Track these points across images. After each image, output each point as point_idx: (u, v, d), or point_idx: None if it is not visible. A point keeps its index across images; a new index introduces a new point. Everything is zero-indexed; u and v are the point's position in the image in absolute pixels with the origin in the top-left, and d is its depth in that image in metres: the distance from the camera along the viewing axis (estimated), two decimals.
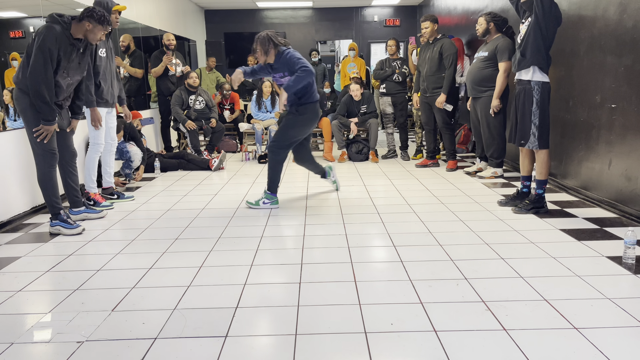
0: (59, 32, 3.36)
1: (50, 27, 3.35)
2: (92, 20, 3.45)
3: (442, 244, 3.18)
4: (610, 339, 2.00)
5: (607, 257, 2.89)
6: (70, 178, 3.83)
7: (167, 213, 4.15)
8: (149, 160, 5.89)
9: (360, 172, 5.78)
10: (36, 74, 3.28)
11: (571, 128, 4.43)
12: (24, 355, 2.01)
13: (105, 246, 3.35)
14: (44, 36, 3.30)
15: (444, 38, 5.61)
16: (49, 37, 3.30)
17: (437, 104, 5.56)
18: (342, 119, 6.56)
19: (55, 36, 3.32)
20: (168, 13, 8.57)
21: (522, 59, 3.72)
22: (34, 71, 3.28)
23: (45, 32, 3.31)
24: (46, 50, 3.29)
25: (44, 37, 3.29)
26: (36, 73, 3.28)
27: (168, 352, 1.99)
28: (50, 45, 3.30)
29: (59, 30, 3.36)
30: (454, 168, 5.72)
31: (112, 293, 2.56)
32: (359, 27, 11.74)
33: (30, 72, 3.29)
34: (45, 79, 3.30)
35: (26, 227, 3.83)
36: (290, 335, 2.09)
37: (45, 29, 3.33)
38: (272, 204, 4.22)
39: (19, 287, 2.68)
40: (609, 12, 3.86)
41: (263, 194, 4.25)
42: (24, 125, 3.48)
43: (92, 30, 3.48)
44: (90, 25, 3.46)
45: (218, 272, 2.82)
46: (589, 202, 4.11)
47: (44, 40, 3.29)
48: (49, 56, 3.31)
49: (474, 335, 2.05)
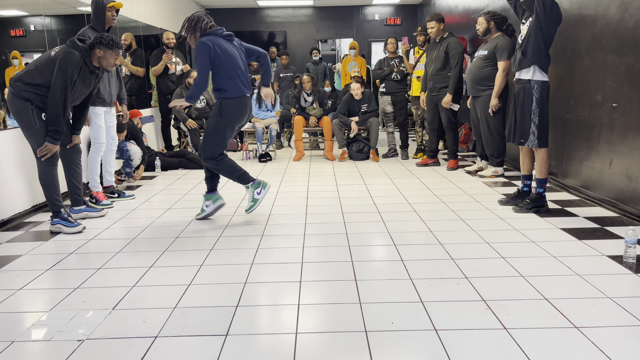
0: (80, 59, 3.46)
1: (73, 53, 3.43)
2: (102, 47, 3.53)
3: (443, 243, 3.18)
4: (611, 338, 2.00)
5: (607, 257, 2.88)
6: (73, 176, 3.83)
7: (167, 212, 4.15)
8: (150, 159, 5.89)
9: (360, 171, 5.78)
10: (56, 98, 3.37)
11: (572, 127, 4.43)
12: (25, 354, 2.01)
13: (105, 245, 3.35)
14: (68, 61, 3.39)
15: (450, 37, 5.59)
16: (72, 63, 3.40)
17: (444, 103, 5.55)
18: (342, 118, 6.56)
19: (77, 63, 3.43)
20: (169, 11, 8.56)
21: (522, 58, 3.72)
22: (55, 95, 3.37)
23: (69, 57, 3.40)
24: (68, 77, 3.39)
25: (67, 64, 3.38)
26: (56, 97, 3.37)
27: (168, 351, 1.99)
28: (72, 73, 3.41)
29: (79, 57, 3.45)
30: (454, 167, 5.71)
31: (113, 291, 2.56)
32: (360, 26, 11.74)
33: (51, 96, 3.37)
34: (63, 105, 3.41)
35: (27, 226, 3.84)
36: (290, 334, 2.09)
37: (68, 54, 3.41)
38: (263, 188, 3.85)
39: (20, 285, 2.69)
40: (610, 12, 3.86)
41: (249, 191, 3.84)
42: (19, 127, 3.49)
43: (104, 57, 3.57)
44: (101, 52, 3.55)
45: (218, 270, 2.82)
46: (590, 201, 4.11)
47: (67, 67, 3.38)
48: (70, 82, 3.41)
49: (475, 334, 2.05)
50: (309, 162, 6.59)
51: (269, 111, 7.07)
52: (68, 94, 3.42)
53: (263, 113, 7.05)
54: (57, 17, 5.06)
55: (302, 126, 6.81)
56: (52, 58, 3.44)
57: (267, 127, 6.90)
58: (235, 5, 11.25)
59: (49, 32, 4.82)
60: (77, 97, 3.61)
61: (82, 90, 3.60)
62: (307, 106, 6.91)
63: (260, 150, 6.80)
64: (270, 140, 6.87)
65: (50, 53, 3.49)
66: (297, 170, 5.96)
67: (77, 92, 3.55)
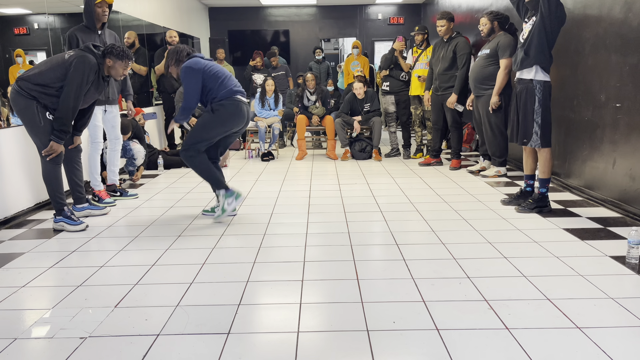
0: (96, 64, 3.51)
1: (90, 57, 3.48)
2: (112, 57, 3.59)
3: (445, 243, 3.17)
4: (613, 339, 1.99)
5: (610, 257, 2.88)
6: (74, 174, 3.84)
7: (170, 210, 4.16)
8: (152, 158, 5.90)
9: (363, 171, 5.78)
10: (69, 98, 3.40)
11: (575, 127, 4.42)
12: (27, 351, 2.02)
13: (108, 243, 3.36)
14: (85, 64, 3.43)
15: (459, 37, 5.56)
16: (88, 66, 3.45)
17: (448, 104, 5.53)
18: (345, 117, 6.56)
19: (93, 67, 3.48)
20: (172, 10, 8.57)
21: (525, 57, 3.71)
22: (68, 96, 3.40)
23: (86, 60, 3.45)
24: (85, 79, 3.43)
25: (84, 66, 3.43)
26: (69, 98, 3.40)
27: (171, 349, 1.99)
28: (89, 75, 3.46)
29: (95, 64, 3.50)
30: (457, 167, 5.71)
31: (115, 289, 2.57)
32: (363, 25, 11.72)
33: (64, 96, 3.39)
34: (74, 108, 3.46)
35: (30, 223, 3.85)
36: (292, 333, 2.09)
37: (85, 57, 3.46)
38: (237, 198, 3.75)
39: (23, 282, 2.70)
40: (614, 11, 3.84)
41: (221, 199, 3.73)
42: (23, 125, 3.50)
43: (114, 66, 3.62)
44: (111, 62, 3.60)
45: (221, 269, 2.82)
46: (593, 201, 4.10)
47: (85, 69, 3.43)
48: (86, 85, 3.45)
49: (477, 334, 2.05)
50: (312, 161, 6.59)
51: (272, 110, 7.08)
52: (81, 96, 3.45)
53: (266, 112, 7.05)
54: (60, 16, 5.07)
55: (305, 125, 6.81)
56: (66, 60, 3.45)
57: (269, 126, 6.90)
58: (239, 4, 11.25)
59: (53, 30, 4.83)
60: (87, 101, 3.64)
61: (93, 95, 3.64)
62: (310, 105, 6.91)
63: (263, 149, 6.80)
64: (273, 139, 6.87)
65: (63, 55, 3.51)
66: (300, 169, 5.97)
67: (89, 96, 3.58)
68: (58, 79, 3.42)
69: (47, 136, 3.44)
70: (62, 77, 3.41)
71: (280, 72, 8.35)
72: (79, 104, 3.48)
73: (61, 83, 3.41)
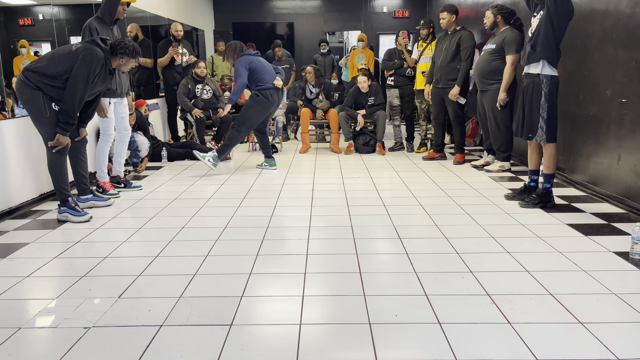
0: (103, 58, 3.52)
1: (97, 50, 3.49)
2: (126, 56, 3.65)
3: (448, 237, 3.17)
4: (615, 334, 1.99)
5: (614, 253, 2.87)
6: (79, 165, 3.85)
7: (173, 202, 4.17)
8: (156, 150, 5.91)
9: (367, 164, 5.77)
10: (75, 90, 3.41)
11: (580, 122, 4.40)
12: (31, 340, 2.04)
13: (112, 234, 3.37)
14: (92, 57, 3.45)
15: (462, 30, 5.53)
16: (96, 58, 3.46)
17: (451, 96, 5.50)
18: (349, 111, 6.54)
19: (100, 60, 3.50)
20: (176, 2, 8.55)
21: (532, 52, 3.69)
22: (74, 87, 3.41)
23: (93, 53, 3.46)
24: (92, 71, 3.45)
25: (91, 59, 3.44)
26: (75, 89, 3.41)
27: (173, 340, 2.00)
28: (96, 68, 3.47)
29: (102, 57, 3.52)
30: (461, 161, 5.69)
31: (119, 280, 2.58)
32: (368, 18, 11.67)
33: (70, 87, 3.40)
34: (80, 101, 3.47)
35: (34, 214, 3.87)
36: (294, 325, 2.10)
37: (92, 50, 3.47)
38: (214, 165, 5.23)
39: (27, 272, 2.71)
40: (621, 6, 3.81)
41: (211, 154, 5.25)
42: (29, 115, 3.51)
43: (125, 64, 3.71)
44: (123, 60, 3.66)
45: (224, 261, 2.83)
46: (597, 197, 4.09)
47: (92, 61, 3.44)
48: (92, 76, 3.46)
49: (478, 328, 2.05)
50: (315, 154, 6.58)
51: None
52: (87, 88, 3.45)
53: None
54: (65, 7, 5.06)
55: (309, 118, 6.80)
56: (73, 51, 3.46)
57: (273, 119, 6.90)
58: None
59: (58, 21, 4.83)
60: (93, 94, 3.65)
61: (99, 88, 3.66)
62: (313, 98, 6.89)
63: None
64: (277, 132, 6.86)
65: (70, 47, 3.52)
66: (303, 162, 5.96)
67: (95, 89, 3.59)
68: (65, 71, 3.42)
69: (52, 127, 3.45)
70: (69, 69, 3.41)
71: (285, 65, 8.33)
72: (85, 96, 3.48)
73: (68, 75, 3.42)
